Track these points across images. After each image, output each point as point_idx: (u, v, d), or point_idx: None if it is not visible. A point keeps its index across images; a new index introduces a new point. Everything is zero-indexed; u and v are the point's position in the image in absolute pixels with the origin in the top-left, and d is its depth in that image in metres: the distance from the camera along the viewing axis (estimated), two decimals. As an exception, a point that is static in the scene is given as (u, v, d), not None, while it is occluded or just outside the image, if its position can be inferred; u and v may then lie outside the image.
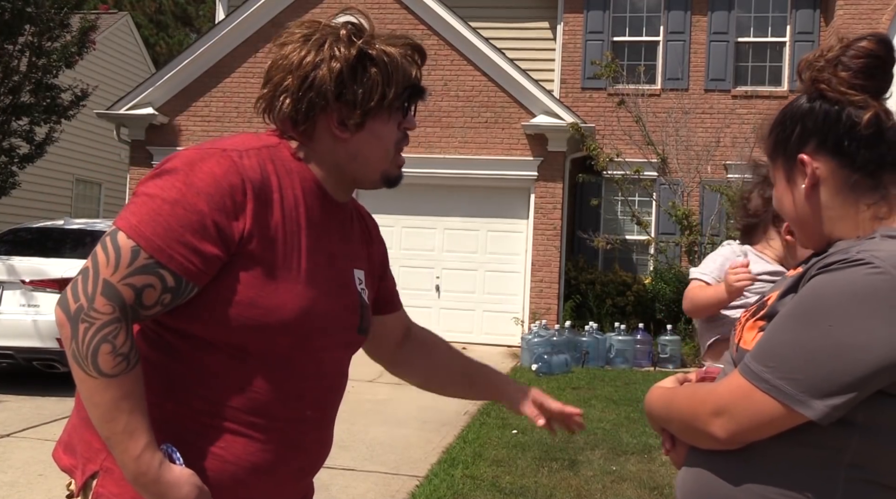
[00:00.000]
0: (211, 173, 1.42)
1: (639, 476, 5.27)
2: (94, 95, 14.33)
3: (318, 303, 1.50)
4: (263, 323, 1.43)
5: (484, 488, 4.91)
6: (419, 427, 6.65)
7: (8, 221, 14.89)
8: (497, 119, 12.12)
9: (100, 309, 1.35)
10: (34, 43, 12.03)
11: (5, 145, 12.19)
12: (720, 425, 1.29)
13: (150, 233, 1.37)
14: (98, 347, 1.34)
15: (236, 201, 1.41)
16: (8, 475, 4.92)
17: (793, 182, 1.40)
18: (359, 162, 1.56)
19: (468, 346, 11.62)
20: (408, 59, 1.56)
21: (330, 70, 1.48)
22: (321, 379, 1.55)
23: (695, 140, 12.34)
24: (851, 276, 1.22)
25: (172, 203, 1.39)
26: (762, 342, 1.29)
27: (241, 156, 1.46)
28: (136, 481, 1.38)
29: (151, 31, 29.08)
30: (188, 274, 1.39)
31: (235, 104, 12.63)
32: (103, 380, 1.35)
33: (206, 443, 1.45)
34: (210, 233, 1.39)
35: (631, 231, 13.19)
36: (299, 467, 1.57)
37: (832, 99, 1.35)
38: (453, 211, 12.24)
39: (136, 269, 1.37)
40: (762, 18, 13.41)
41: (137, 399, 1.37)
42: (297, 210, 1.50)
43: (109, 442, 1.38)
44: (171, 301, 1.41)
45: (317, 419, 1.57)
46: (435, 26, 12.20)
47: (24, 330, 7.24)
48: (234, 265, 1.42)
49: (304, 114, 1.51)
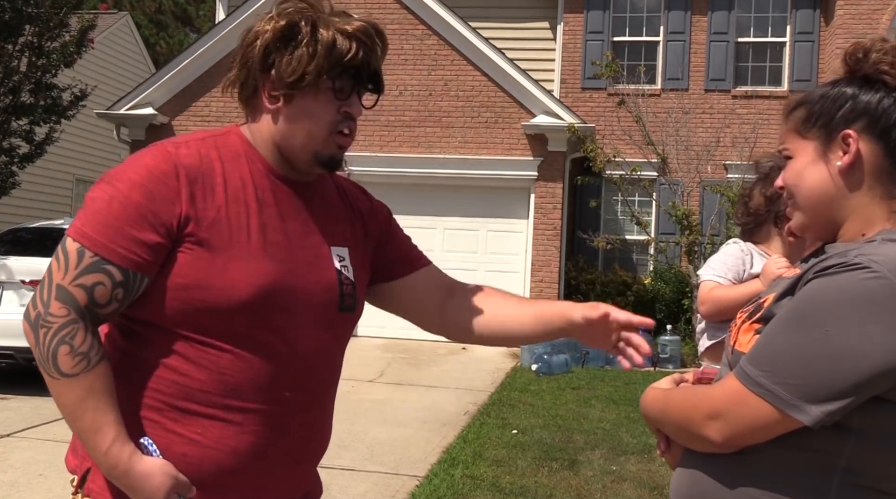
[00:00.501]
0: (143, 166, 1.47)
1: (639, 476, 5.27)
2: (94, 95, 14.33)
3: (277, 281, 1.49)
4: (216, 303, 1.44)
5: (484, 488, 4.91)
6: (419, 427, 6.65)
7: (8, 221, 14.88)
8: (497, 119, 12.12)
9: (55, 313, 1.40)
10: (34, 43, 12.02)
11: (5, 145, 12.19)
12: (715, 429, 1.28)
13: (92, 232, 1.43)
14: (57, 349, 1.39)
15: (170, 187, 1.45)
16: (8, 475, 4.92)
17: (825, 157, 1.35)
18: (288, 139, 1.55)
19: (468, 346, 11.63)
20: (349, 39, 1.50)
21: (262, 41, 1.51)
22: (295, 360, 1.52)
23: (695, 140, 12.34)
24: (848, 280, 1.21)
25: (109, 201, 1.44)
26: (758, 346, 1.28)
27: (176, 146, 1.52)
28: (110, 475, 1.43)
29: (151, 31, 29.07)
30: (134, 265, 1.43)
31: (235, 104, 12.45)
32: (65, 380, 1.40)
33: (183, 429, 1.47)
34: (148, 221, 1.43)
35: (631, 231, 13.19)
36: (286, 451, 1.54)
37: (891, 86, 1.32)
38: (453, 211, 12.24)
39: (84, 269, 1.41)
40: (762, 18, 13.40)
41: (101, 396, 1.41)
42: (244, 191, 1.52)
43: (81, 439, 1.44)
44: (125, 296, 1.44)
45: (299, 401, 1.54)
46: (435, 26, 12.20)
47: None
48: (179, 250, 1.45)
49: (242, 84, 1.57)
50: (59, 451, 5.49)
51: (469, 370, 9.80)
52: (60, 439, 5.79)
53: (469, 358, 10.73)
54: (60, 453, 6.22)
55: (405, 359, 10.23)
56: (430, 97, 12.21)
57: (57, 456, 5.38)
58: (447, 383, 8.81)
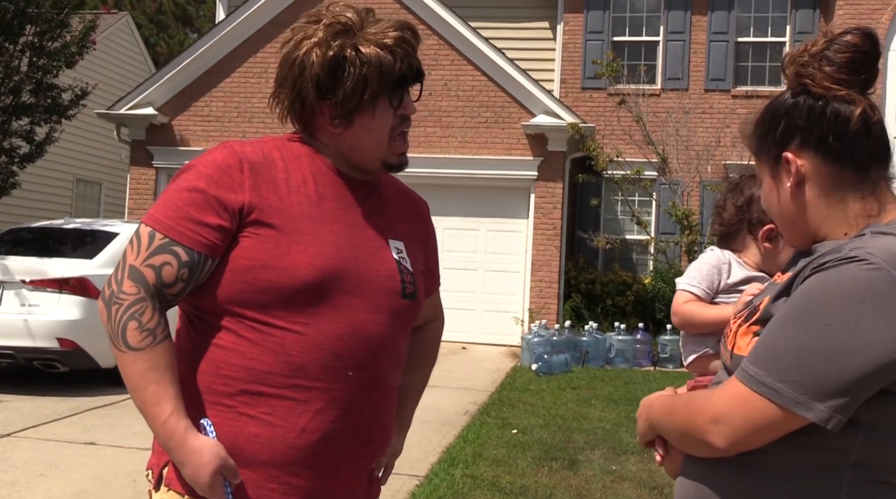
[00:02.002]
0: (211, 160, 1.59)
1: (639, 476, 5.27)
2: (95, 95, 14.33)
3: (339, 265, 1.58)
4: (280, 282, 1.53)
5: (484, 488, 4.91)
6: (419, 427, 6.65)
7: (8, 221, 14.89)
8: (497, 119, 12.12)
9: (127, 291, 1.52)
10: (35, 43, 12.03)
11: (5, 145, 12.20)
12: (719, 434, 1.26)
13: (162, 217, 1.55)
14: (126, 324, 1.50)
15: (234, 178, 1.57)
16: (8, 475, 4.93)
17: (778, 180, 1.37)
18: (356, 152, 1.67)
19: (468, 346, 11.63)
20: (391, 53, 1.60)
21: (311, 74, 1.60)
22: (360, 341, 1.58)
23: (695, 140, 12.35)
24: (845, 273, 1.20)
25: (180, 190, 1.57)
26: (758, 346, 1.26)
27: (242, 145, 1.64)
28: (165, 446, 1.51)
29: (152, 31, 29.07)
30: (199, 245, 1.54)
31: (235, 104, 12.63)
32: (132, 353, 1.50)
33: (254, 411, 1.54)
34: (212, 207, 1.54)
35: (631, 231, 13.19)
36: (352, 430, 1.59)
37: (816, 94, 1.31)
38: (453, 211, 12.24)
39: (154, 250, 1.53)
40: (762, 18, 13.41)
41: (164, 371, 1.51)
42: (304, 186, 1.62)
43: (142, 411, 1.52)
44: (191, 276, 1.55)
45: (363, 381, 1.60)
46: (435, 26, 12.20)
47: (24, 330, 7.24)
48: (243, 235, 1.56)
49: (299, 112, 1.66)
50: (59, 451, 5.50)
51: (469, 370, 9.80)
52: (61, 439, 5.79)
53: (469, 358, 10.73)
54: (61, 452, 6.23)
55: (405, 359, 10.22)
56: (430, 97, 12.21)
57: (57, 456, 5.38)
58: (447, 383, 8.81)
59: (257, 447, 1.53)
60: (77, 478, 4.88)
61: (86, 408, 6.74)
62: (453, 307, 12.28)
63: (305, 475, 1.56)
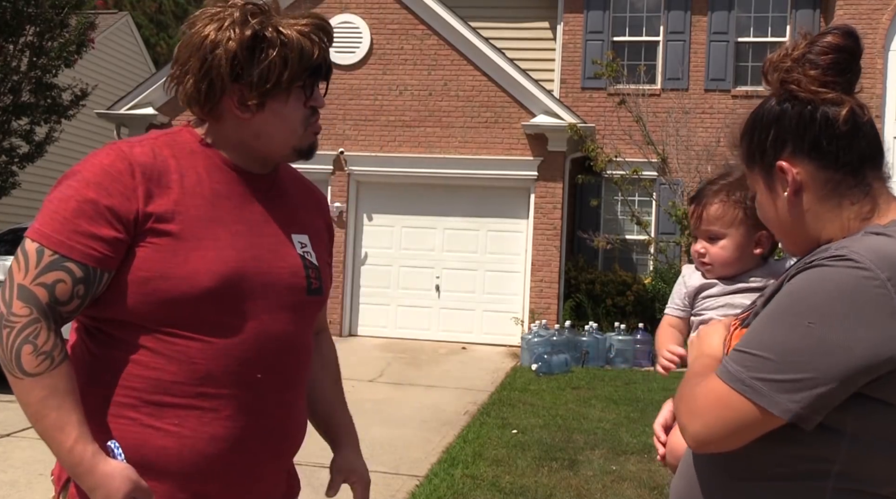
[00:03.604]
0: (98, 164, 1.49)
1: (639, 476, 5.28)
2: (94, 95, 14.33)
3: (240, 267, 1.52)
4: (180, 293, 1.47)
5: (484, 488, 4.91)
6: (419, 427, 6.65)
7: (8, 221, 14.88)
8: (497, 119, 12.12)
9: (17, 313, 1.41)
10: (34, 43, 12.02)
11: (5, 145, 12.20)
12: (693, 430, 1.26)
13: (50, 231, 1.44)
14: (20, 349, 1.40)
15: (125, 185, 1.47)
16: (8, 475, 4.93)
17: (773, 190, 1.34)
18: (263, 140, 1.59)
19: (468, 346, 11.62)
20: (309, 40, 1.55)
21: (226, 51, 1.51)
22: (265, 343, 1.54)
23: (695, 140, 12.34)
24: (831, 273, 1.19)
25: (66, 199, 1.46)
26: (741, 343, 1.25)
27: (130, 145, 1.54)
28: (73, 473, 1.43)
29: (151, 31, 29.07)
30: (93, 260, 1.44)
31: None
32: (28, 379, 1.40)
33: (160, 423, 1.48)
34: (105, 217, 1.45)
35: (631, 231, 13.19)
36: (266, 433, 1.56)
37: (804, 99, 1.29)
38: (453, 211, 12.24)
39: (44, 267, 1.43)
40: (762, 18, 13.41)
41: (64, 395, 1.42)
42: (200, 186, 1.55)
43: (44, 439, 1.43)
44: (87, 292, 1.46)
45: (273, 383, 1.56)
46: (435, 26, 12.20)
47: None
48: (139, 245, 1.48)
49: (205, 94, 1.54)
50: (59, 451, 5.50)
51: (469, 370, 9.80)
52: (60, 439, 5.79)
53: (469, 358, 10.73)
54: (61, 452, 6.10)
55: (405, 359, 10.23)
56: (430, 97, 12.21)
57: (57, 456, 5.38)
58: (447, 383, 8.81)
59: (166, 459, 1.48)
60: (77, 478, 4.88)
61: (86, 408, 6.73)
62: (453, 307, 12.28)
63: (217, 483, 1.53)
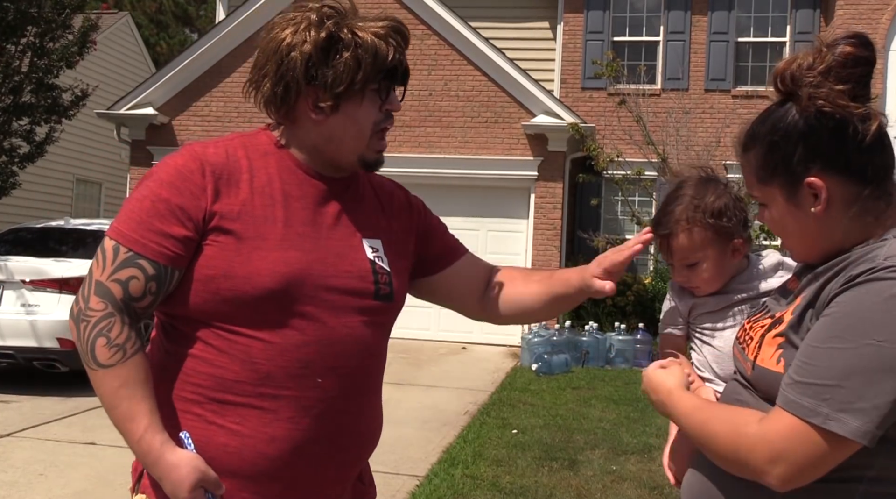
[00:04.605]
0: (172, 165, 1.55)
1: (639, 476, 5.27)
2: (95, 95, 14.33)
3: (303, 269, 1.53)
4: (242, 291, 1.49)
5: (484, 488, 4.91)
6: (419, 427, 6.65)
7: (8, 220, 14.88)
8: (497, 119, 12.12)
9: (94, 307, 1.48)
10: (36, 43, 12.03)
11: (6, 145, 12.20)
12: (779, 475, 1.19)
13: (126, 229, 1.51)
14: (94, 341, 1.47)
15: (196, 184, 1.52)
16: (8, 475, 4.93)
17: (797, 205, 1.31)
18: (334, 144, 1.60)
19: (468, 346, 11.62)
20: (385, 42, 1.55)
21: (301, 54, 1.52)
22: (329, 346, 1.54)
23: (695, 140, 12.34)
24: (887, 287, 1.16)
25: (142, 199, 1.53)
26: (804, 371, 1.20)
27: (204, 146, 1.59)
28: (143, 462, 1.48)
29: (152, 31, 29.07)
30: (164, 258, 1.50)
31: (235, 104, 12.62)
32: (101, 370, 1.47)
33: (223, 420, 1.51)
34: (176, 215, 1.50)
35: (631, 231, 13.18)
36: (327, 438, 1.55)
37: (833, 114, 1.25)
38: (453, 211, 12.23)
39: (119, 264, 1.49)
40: (762, 18, 13.41)
41: (136, 386, 1.47)
42: (270, 186, 1.57)
43: (118, 428, 1.48)
44: (159, 288, 1.51)
45: (336, 388, 1.55)
46: (435, 26, 12.21)
47: (25, 330, 7.25)
48: (206, 243, 1.52)
49: (281, 97, 1.56)
50: (59, 451, 5.50)
51: (469, 370, 9.80)
52: (61, 439, 5.79)
53: (469, 358, 10.73)
54: (61, 452, 6.21)
55: (405, 359, 10.23)
56: (430, 97, 12.21)
57: (57, 456, 5.38)
58: (447, 383, 8.81)
59: (227, 458, 1.50)
60: (77, 478, 4.88)
61: (86, 408, 6.73)
62: (453, 307, 12.29)
63: (277, 485, 1.53)
